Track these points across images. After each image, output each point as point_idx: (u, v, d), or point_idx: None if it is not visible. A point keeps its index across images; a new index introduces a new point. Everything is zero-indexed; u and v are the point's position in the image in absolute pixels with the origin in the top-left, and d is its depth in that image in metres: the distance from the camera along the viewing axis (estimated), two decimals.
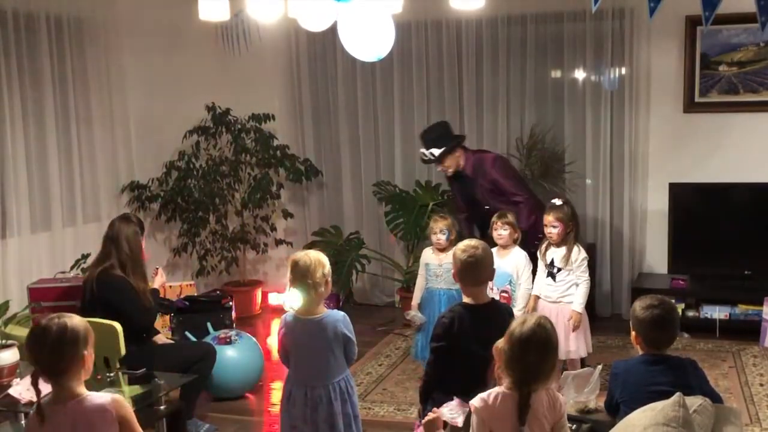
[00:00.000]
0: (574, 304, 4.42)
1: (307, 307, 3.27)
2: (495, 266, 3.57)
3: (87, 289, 4.16)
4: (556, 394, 2.64)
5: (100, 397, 2.48)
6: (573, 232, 4.45)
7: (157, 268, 4.58)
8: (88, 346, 2.49)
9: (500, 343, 2.60)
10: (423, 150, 5.28)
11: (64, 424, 2.43)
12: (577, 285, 4.43)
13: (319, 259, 3.25)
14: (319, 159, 6.92)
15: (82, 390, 2.49)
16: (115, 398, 2.50)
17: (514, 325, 2.59)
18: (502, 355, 2.57)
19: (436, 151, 5.16)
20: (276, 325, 5.88)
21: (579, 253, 4.42)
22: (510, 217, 4.63)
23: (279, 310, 6.64)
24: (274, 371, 5.14)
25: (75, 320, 2.50)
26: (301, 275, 3.21)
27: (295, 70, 6.87)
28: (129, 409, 2.53)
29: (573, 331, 4.42)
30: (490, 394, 2.59)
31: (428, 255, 4.92)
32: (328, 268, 3.27)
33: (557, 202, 4.53)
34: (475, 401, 2.60)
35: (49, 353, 2.42)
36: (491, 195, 5.16)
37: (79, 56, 5.92)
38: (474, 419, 2.61)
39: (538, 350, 2.52)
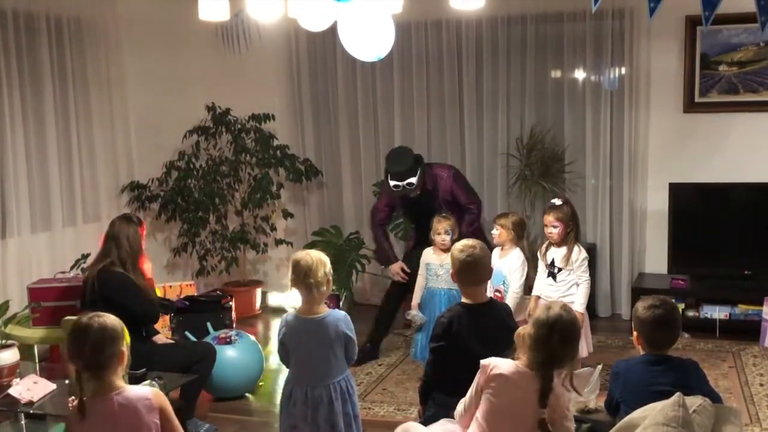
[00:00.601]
0: (575, 304, 4.39)
1: (309, 307, 3.28)
2: (493, 265, 3.58)
3: (88, 287, 4.16)
4: (562, 389, 2.67)
5: (143, 389, 2.67)
6: (573, 232, 4.44)
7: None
8: (124, 342, 2.60)
9: (522, 330, 2.71)
10: (397, 182, 5.07)
11: (106, 415, 2.52)
12: (578, 285, 4.43)
13: (320, 258, 3.27)
14: (319, 159, 6.92)
15: (122, 383, 2.61)
16: (155, 391, 2.67)
17: (540, 311, 2.72)
18: (526, 340, 2.66)
19: (414, 179, 5.04)
20: (276, 325, 5.88)
21: (579, 253, 4.41)
22: (503, 220, 4.62)
23: (279, 310, 6.65)
24: (274, 371, 5.14)
25: (112, 319, 2.61)
26: (303, 275, 3.22)
27: (295, 70, 6.87)
28: (167, 402, 2.65)
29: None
30: (500, 364, 2.69)
31: (429, 255, 4.93)
32: (329, 267, 3.29)
33: (557, 201, 4.51)
34: (484, 362, 2.71)
35: (91, 350, 2.52)
36: (447, 204, 5.14)
37: (79, 56, 5.92)
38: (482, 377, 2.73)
39: (563, 333, 2.63)
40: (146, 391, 2.62)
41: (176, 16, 6.21)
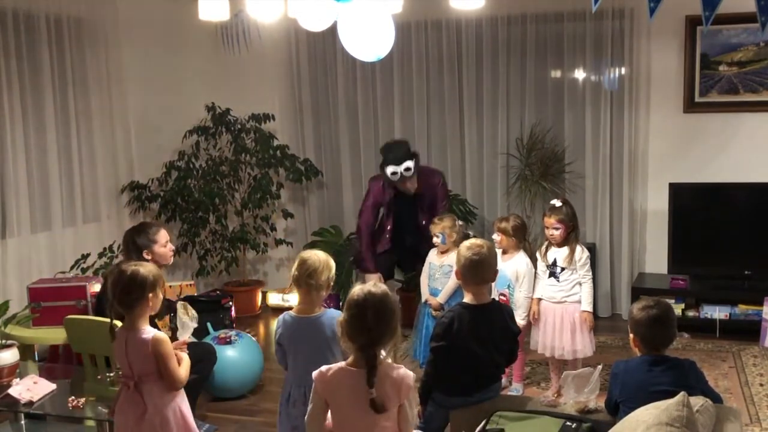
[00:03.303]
0: (583, 304, 4.38)
1: (305, 307, 3.28)
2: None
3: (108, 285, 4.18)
4: (393, 366, 2.63)
5: (146, 333, 3.04)
6: (574, 232, 4.42)
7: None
8: (155, 290, 3.07)
9: (339, 317, 2.67)
10: (395, 168, 5.10)
11: (121, 347, 3.07)
12: (581, 284, 4.41)
13: (327, 262, 3.27)
14: (319, 159, 6.92)
15: (140, 324, 3.07)
16: (155, 336, 3.03)
17: (350, 294, 2.67)
18: (344, 326, 2.62)
19: (411, 164, 5.10)
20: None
21: (582, 252, 4.39)
22: (503, 224, 4.61)
23: (279, 310, 6.64)
24: (273, 371, 5.14)
25: (147, 268, 3.10)
26: (306, 275, 3.23)
27: (295, 70, 6.87)
28: (165, 348, 3.03)
29: (590, 331, 4.41)
30: (330, 369, 2.64)
31: (432, 254, 4.93)
32: (333, 272, 3.30)
33: (556, 203, 4.47)
34: (315, 373, 2.67)
35: (121, 291, 3.04)
36: (424, 208, 5.17)
37: (79, 56, 5.92)
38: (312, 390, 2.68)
39: (376, 309, 2.58)
40: (148, 337, 3.02)
41: (176, 16, 6.21)
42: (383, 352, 2.63)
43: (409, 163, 5.10)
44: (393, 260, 5.61)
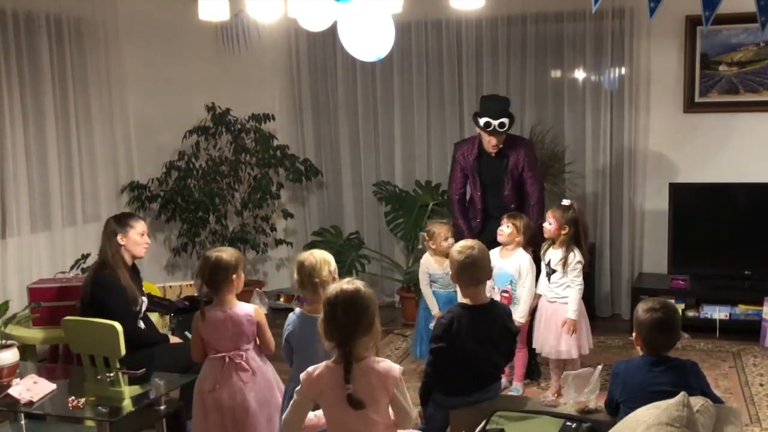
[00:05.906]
0: (568, 311, 4.37)
1: (315, 306, 3.28)
2: (496, 266, 3.56)
3: (85, 287, 4.18)
4: (377, 359, 2.64)
5: (247, 307, 3.50)
6: (569, 236, 4.39)
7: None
8: (237, 271, 3.47)
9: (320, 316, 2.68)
10: (490, 120, 4.74)
11: (218, 321, 3.44)
12: (569, 288, 4.40)
13: (324, 257, 3.30)
14: (319, 159, 6.92)
15: (233, 300, 3.50)
16: (255, 308, 3.50)
17: (328, 290, 2.71)
18: (322, 325, 2.64)
19: (506, 121, 4.77)
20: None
21: (574, 258, 4.38)
22: (518, 221, 4.60)
23: (278, 310, 6.64)
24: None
25: (228, 253, 3.51)
26: (308, 275, 3.25)
27: (295, 70, 6.87)
28: (263, 317, 3.52)
29: (571, 335, 4.38)
30: (316, 368, 2.65)
31: (430, 263, 4.85)
32: (333, 265, 3.32)
33: (565, 202, 4.46)
34: (302, 375, 2.67)
35: (208, 275, 3.45)
36: (511, 181, 4.88)
37: (79, 56, 5.92)
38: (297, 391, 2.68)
39: (345, 305, 2.59)
40: (250, 309, 3.47)
41: (176, 16, 6.21)
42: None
43: (505, 121, 4.77)
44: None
